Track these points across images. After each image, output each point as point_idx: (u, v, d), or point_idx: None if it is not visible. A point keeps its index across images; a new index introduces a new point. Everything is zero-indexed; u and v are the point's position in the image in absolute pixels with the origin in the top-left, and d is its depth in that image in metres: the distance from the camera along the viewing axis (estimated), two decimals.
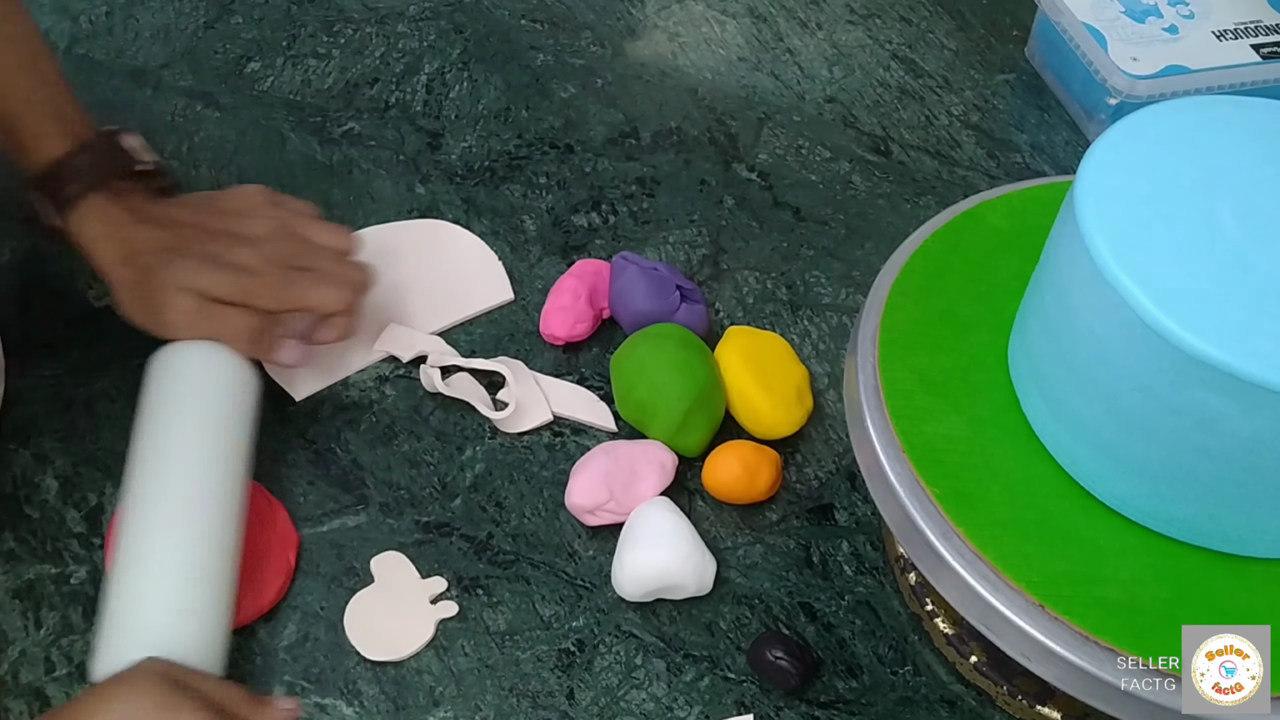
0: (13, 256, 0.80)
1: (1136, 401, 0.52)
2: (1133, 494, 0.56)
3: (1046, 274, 0.58)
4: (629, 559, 0.66)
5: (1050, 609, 0.53)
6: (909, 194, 0.88)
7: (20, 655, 0.64)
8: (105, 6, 0.96)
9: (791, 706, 0.64)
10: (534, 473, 0.72)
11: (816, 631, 0.67)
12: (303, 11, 0.98)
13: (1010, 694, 0.64)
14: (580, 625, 0.67)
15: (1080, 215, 0.53)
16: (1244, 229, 0.52)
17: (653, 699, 0.64)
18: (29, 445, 0.71)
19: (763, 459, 0.70)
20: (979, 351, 0.63)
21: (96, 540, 0.68)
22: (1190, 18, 0.91)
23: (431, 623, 0.66)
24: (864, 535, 0.71)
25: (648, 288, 0.75)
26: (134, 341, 0.76)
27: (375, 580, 0.67)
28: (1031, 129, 0.94)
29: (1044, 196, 0.68)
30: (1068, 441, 0.58)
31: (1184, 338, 0.49)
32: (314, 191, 0.86)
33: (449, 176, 0.87)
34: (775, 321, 0.80)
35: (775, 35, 0.99)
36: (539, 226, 0.85)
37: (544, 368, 0.76)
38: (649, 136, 0.91)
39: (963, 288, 0.65)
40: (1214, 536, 0.56)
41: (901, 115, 0.94)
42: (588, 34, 0.98)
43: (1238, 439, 0.50)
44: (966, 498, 0.57)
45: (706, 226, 0.85)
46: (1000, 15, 1.02)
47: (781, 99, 0.94)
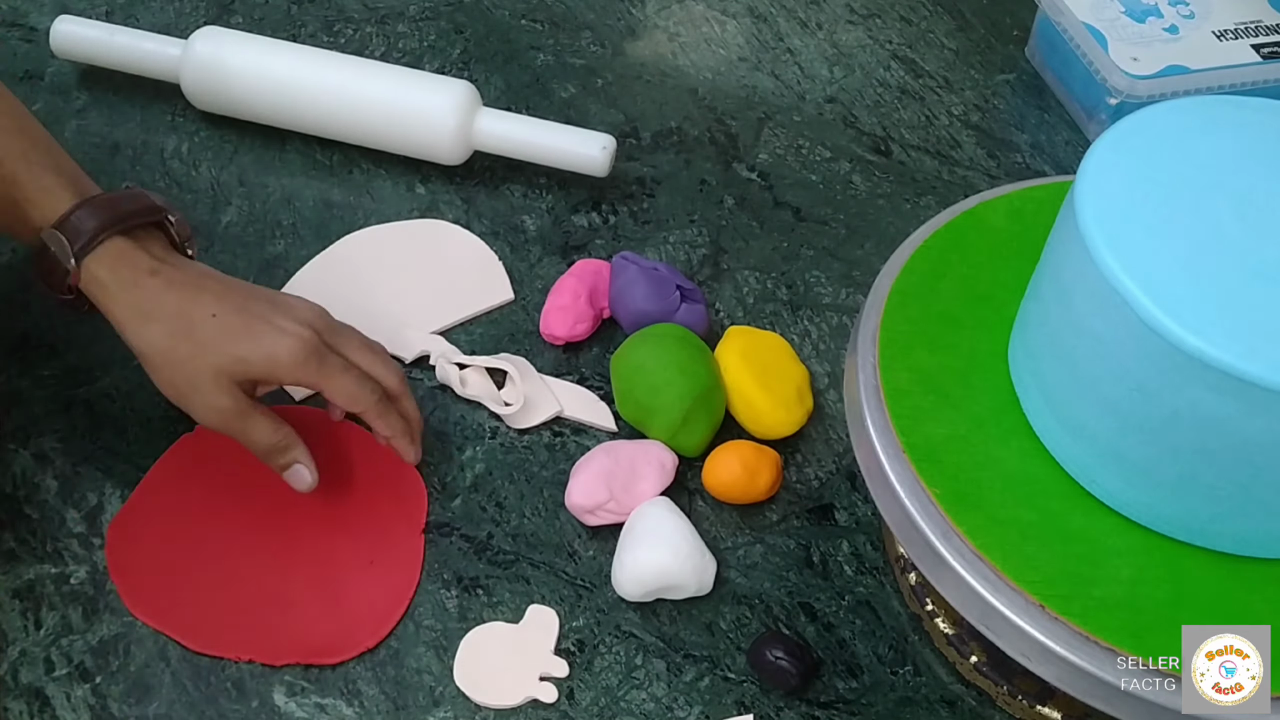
0: (13, 256, 0.80)
1: (1136, 401, 0.52)
2: (1133, 494, 0.56)
3: (1046, 274, 0.58)
4: (629, 559, 0.66)
5: (1050, 609, 0.53)
6: (909, 194, 0.88)
7: (20, 655, 0.64)
8: (105, 6, 0.96)
9: (791, 706, 0.64)
10: (534, 473, 0.72)
11: (816, 631, 0.67)
12: (303, 11, 0.98)
13: (1010, 694, 0.64)
14: (580, 625, 0.67)
15: (1080, 215, 0.53)
16: (1244, 229, 0.52)
17: (653, 699, 0.64)
18: (29, 445, 0.71)
19: (763, 459, 0.70)
20: (979, 351, 0.63)
21: (96, 540, 0.68)
22: (1190, 18, 0.91)
23: (521, 694, 0.63)
24: (864, 535, 0.71)
25: (648, 288, 0.75)
26: None
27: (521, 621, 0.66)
28: (1031, 129, 0.94)
29: (1044, 196, 0.68)
30: (1068, 441, 0.58)
31: (1184, 338, 0.49)
32: (314, 191, 0.86)
33: (449, 176, 0.87)
34: (775, 321, 0.80)
35: (775, 35, 0.99)
36: (539, 226, 0.85)
37: (544, 368, 0.76)
38: (649, 136, 0.91)
39: (963, 288, 0.65)
40: (1214, 536, 0.56)
41: (902, 115, 0.94)
42: (588, 34, 0.98)
43: (1238, 439, 0.50)
44: (966, 498, 0.57)
45: (706, 226, 0.85)
46: (1000, 15, 1.02)
47: (781, 99, 0.94)
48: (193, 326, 0.63)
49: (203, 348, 0.63)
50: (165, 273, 0.65)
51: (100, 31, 0.88)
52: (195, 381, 0.63)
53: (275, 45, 0.86)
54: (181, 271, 0.65)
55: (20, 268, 0.79)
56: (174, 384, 0.64)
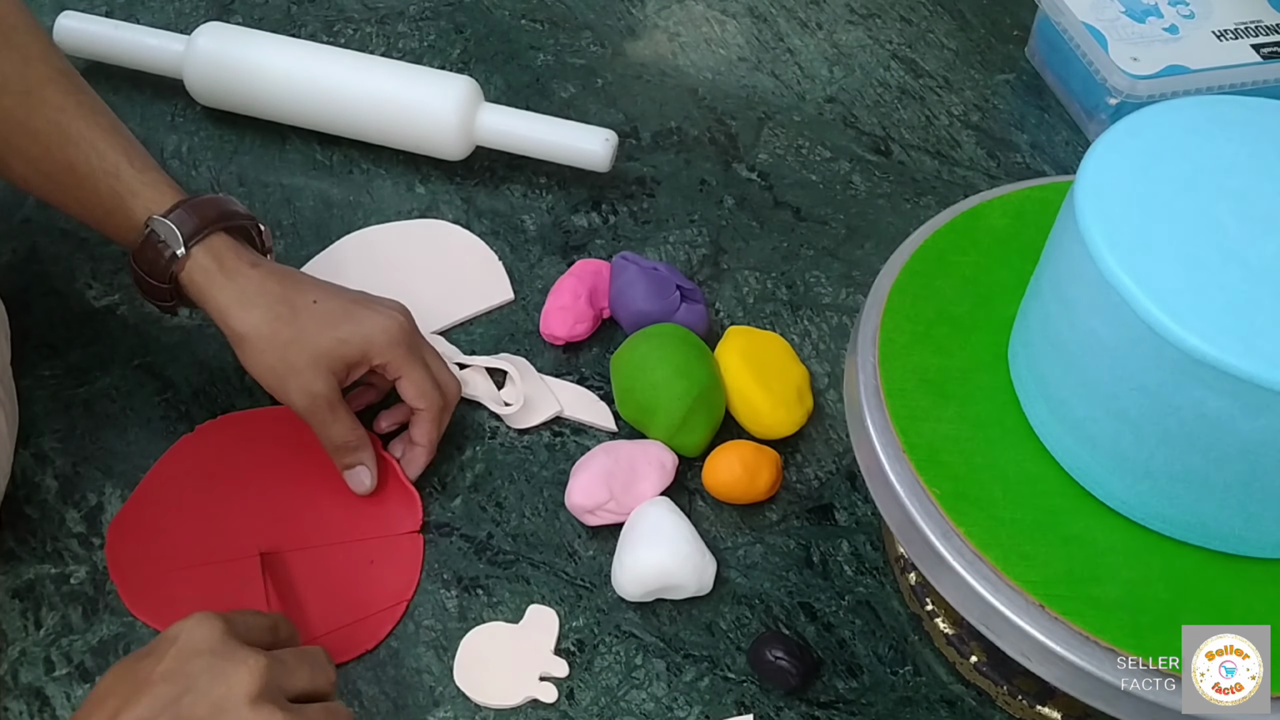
0: (13, 256, 0.80)
1: (1136, 401, 0.52)
2: (1133, 494, 0.56)
3: (1046, 274, 0.58)
4: (629, 559, 0.66)
5: (1050, 609, 0.53)
6: (909, 194, 0.88)
7: (20, 655, 0.64)
8: (105, 6, 0.96)
9: (791, 706, 0.64)
10: (534, 473, 0.72)
11: (816, 631, 0.67)
12: (303, 11, 0.98)
13: (1010, 694, 0.64)
14: (580, 625, 0.67)
15: (1080, 215, 0.53)
16: (1244, 229, 0.52)
17: (653, 699, 0.64)
18: (29, 445, 0.71)
19: (763, 459, 0.70)
20: (979, 351, 0.63)
21: (96, 540, 0.68)
22: (1190, 18, 0.91)
23: (521, 694, 0.64)
24: (864, 535, 0.71)
25: (648, 288, 0.75)
26: (134, 341, 0.76)
27: (521, 621, 0.66)
28: (1031, 129, 0.94)
29: (1044, 196, 0.68)
30: (1068, 441, 0.58)
31: (1184, 338, 0.49)
32: (314, 191, 0.86)
33: (449, 176, 0.87)
34: (775, 321, 0.80)
35: (775, 35, 0.99)
36: (539, 226, 0.85)
37: (544, 368, 0.76)
38: (649, 136, 0.91)
39: (963, 288, 0.65)
40: (1214, 536, 0.56)
41: (901, 115, 0.94)
42: (588, 34, 0.98)
43: (1238, 439, 0.50)
44: (966, 498, 0.57)
45: (706, 226, 0.85)
46: (1000, 15, 1.02)
47: (781, 99, 0.94)
48: (295, 312, 0.66)
49: (304, 332, 0.66)
50: (265, 266, 0.68)
51: (104, 27, 0.89)
52: (295, 364, 0.65)
53: (278, 41, 0.86)
54: (279, 268, 0.68)
55: (20, 268, 0.79)
56: (272, 368, 0.66)
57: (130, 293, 0.78)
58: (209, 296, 0.66)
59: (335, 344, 0.66)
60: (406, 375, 0.68)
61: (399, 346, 0.67)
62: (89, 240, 0.81)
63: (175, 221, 0.66)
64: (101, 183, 0.67)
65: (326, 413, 0.67)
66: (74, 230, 0.81)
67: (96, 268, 0.80)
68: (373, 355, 0.67)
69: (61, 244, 0.81)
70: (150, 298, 0.69)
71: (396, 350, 0.67)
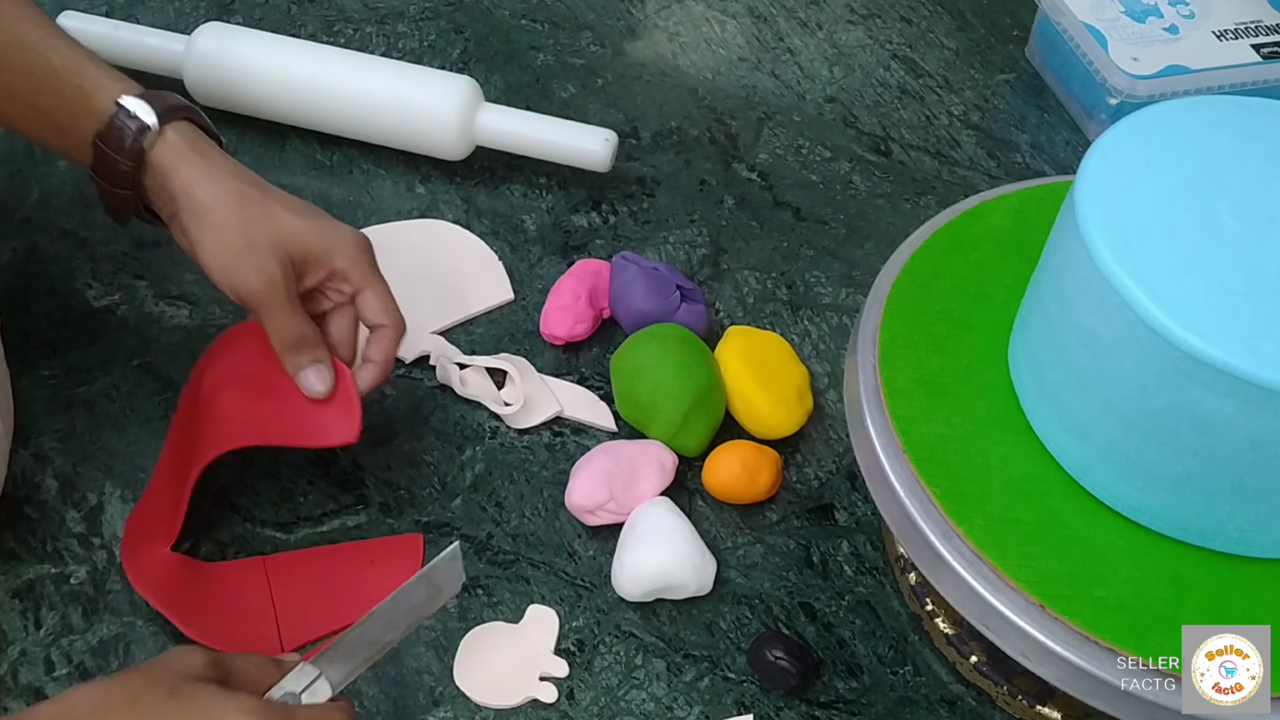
0: (13, 256, 0.80)
1: (1136, 401, 0.52)
2: (1133, 494, 0.56)
3: (1046, 274, 0.58)
4: (629, 559, 0.66)
5: (1050, 609, 0.53)
6: (909, 194, 0.88)
7: (20, 655, 0.64)
8: (105, 6, 0.96)
9: (791, 706, 0.64)
10: (534, 473, 0.72)
11: (816, 631, 0.67)
12: (303, 11, 0.98)
13: (1010, 694, 0.64)
14: (580, 625, 0.67)
15: (1080, 215, 0.53)
16: (1244, 229, 0.52)
17: (653, 699, 0.64)
18: (29, 445, 0.71)
19: (763, 459, 0.70)
20: (979, 351, 0.63)
21: (96, 540, 0.68)
22: (1190, 18, 0.91)
23: (521, 694, 0.64)
24: (864, 535, 0.71)
25: (648, 288, 0.75)
26: (134, 341, 0.76)
27: (521, 621, 0.66)
28: (1031, 129, 0.94)
29: (1044, 196, 0.68)
30: (1068, 441, 0.58)
31: (1184, 338, 0.49)
32: (314, 191, 0.86)
33: (449, 176, 0.87)
34: (775, 321, 0.80)
35: (775, 35, 0.99)
36: (539, 226, 0.85)
37: (544, 368, 0.76)
38: (649, 136, 0.91)
39: (963, 287, 0.65)
40: (1214, 536, 0.56)
41: (901, 115, 0.94)
42: (588, 34, 0.98)
43: (1238, 439, 0.50)
44: (966, 498, 0.57)
45: (706, 226, 0.85)
46: (1000, 15, 1.02)
47: (781, 99, 0.94)
48: (265, 192, 0.65)
49: (270, 213, 0.64)
50: (231, 157, 0.66)
51: (104, 27, 0.89)
52: (256, 242, 0.63)
53: (278, 41, 0.86)
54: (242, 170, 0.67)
55: (20, 268, 0.79)
56: (230, 244, 0.63)
57: (130, 292, 0.78)
58: (176, 172, 0.64)
59: (302, 230, 0.64)
60: (370, 287, 0.66)
61: (364, 256, 0.66)
62: (89, 240, 0.81)
63: (148, 100, 0.64)
64: (65, 82, 0.64)
65: (283, 299, 0.63)
66: (74, 230, 0.81)
67: (96, 268, 0.80)
68: (335, 257, 0.65)
69: (61, 244, 0.81)
70: (109, 186, 0.65)
71: (361, 259, 0.66)
